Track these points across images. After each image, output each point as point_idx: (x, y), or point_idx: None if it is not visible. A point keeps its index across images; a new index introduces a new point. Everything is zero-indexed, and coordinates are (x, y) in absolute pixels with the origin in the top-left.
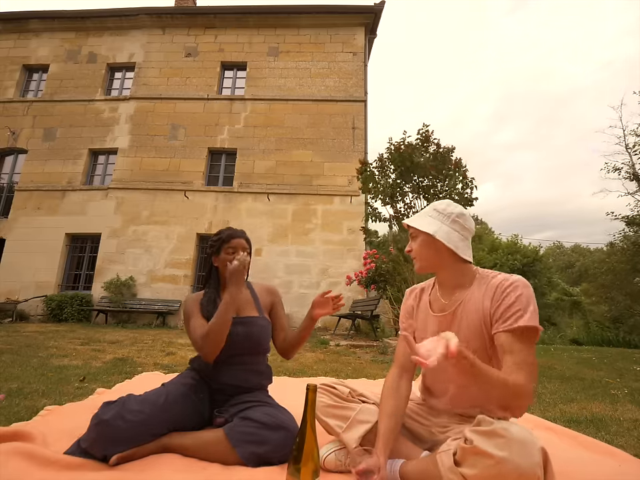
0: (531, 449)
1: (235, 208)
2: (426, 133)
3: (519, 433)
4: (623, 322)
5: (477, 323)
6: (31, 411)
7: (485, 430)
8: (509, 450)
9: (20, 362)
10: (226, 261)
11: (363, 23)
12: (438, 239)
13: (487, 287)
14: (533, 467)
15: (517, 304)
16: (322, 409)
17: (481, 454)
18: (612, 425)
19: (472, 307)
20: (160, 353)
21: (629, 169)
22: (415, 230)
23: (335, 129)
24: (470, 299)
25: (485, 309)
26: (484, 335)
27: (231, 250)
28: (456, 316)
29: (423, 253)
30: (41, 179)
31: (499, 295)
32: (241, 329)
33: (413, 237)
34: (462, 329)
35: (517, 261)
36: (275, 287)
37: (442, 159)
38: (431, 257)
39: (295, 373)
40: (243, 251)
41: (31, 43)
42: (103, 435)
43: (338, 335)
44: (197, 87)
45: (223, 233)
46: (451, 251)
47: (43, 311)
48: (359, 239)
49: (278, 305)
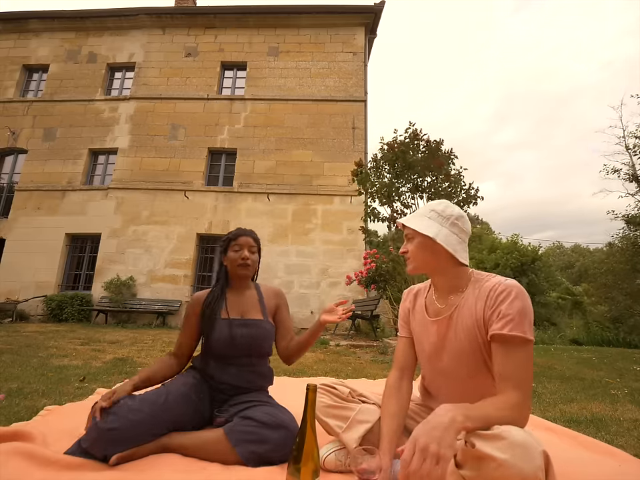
0: (533, 452)
1: (235, 208)
2: (414, 131)
3: (521, 436)
4: (623, 322)
5: (471, 328)
6: (31, 411)
7: (487, 433)
8: (510, 453)
9: (20, 362)
10: (233, 259)
11: (363, 22)
12: (438, 242)
13: (480, 290)
14: (535, 471)
15: (510, 310)
16: (322, 409)
17: (482, 457)
18: (612, 425)
19: (467, 312)
20: (160, 353)
21: (628, 170)
22: (412, 231)
23: (335, 128)
24: (465, 303)
25: (478, 312)
26: (478, 338)
27: (237, 247)
28: (452, 320)
29: (420, 255)
30: (41, 179)
31: (492, 299)
32: (245, 331)
33: (408, 237)
34: (458, 333)
35: (516, 260)
36: (281, 289)
37: (431, 153)
38: (428, 259)
39: (295, 373)
40: (249, 249)
41: (31, 42)
42: (103, 435)
43: (338, 334)
44: (197, 86)
45: (231, 232)
46: (448, 254)
47: (43, 310)
48: (358, 239)
49: (283, 308)
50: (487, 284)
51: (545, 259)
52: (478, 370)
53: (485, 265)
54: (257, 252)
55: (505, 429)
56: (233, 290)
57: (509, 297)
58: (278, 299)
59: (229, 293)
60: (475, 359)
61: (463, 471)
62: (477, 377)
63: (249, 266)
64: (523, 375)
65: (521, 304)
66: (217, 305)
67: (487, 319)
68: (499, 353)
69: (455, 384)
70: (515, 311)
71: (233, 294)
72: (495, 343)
